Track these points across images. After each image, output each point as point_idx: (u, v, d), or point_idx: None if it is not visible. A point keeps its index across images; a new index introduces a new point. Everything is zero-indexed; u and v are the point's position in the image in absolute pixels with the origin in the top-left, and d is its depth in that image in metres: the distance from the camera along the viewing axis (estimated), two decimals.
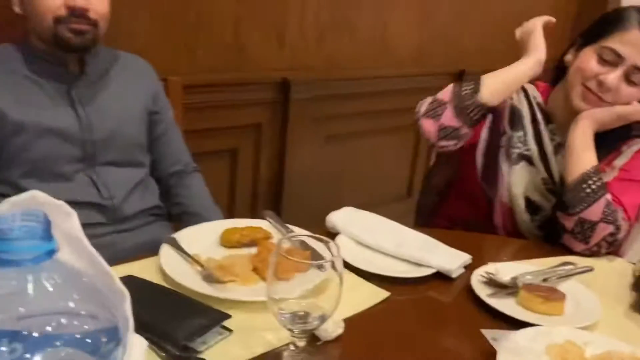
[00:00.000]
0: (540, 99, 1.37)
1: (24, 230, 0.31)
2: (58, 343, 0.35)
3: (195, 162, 1.49)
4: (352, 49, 2.30)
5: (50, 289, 0.33)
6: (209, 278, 0.90)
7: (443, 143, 1.28)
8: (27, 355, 0.34)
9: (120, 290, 0.35)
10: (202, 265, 0.94)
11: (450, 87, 1.29)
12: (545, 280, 1.02)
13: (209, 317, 0.79)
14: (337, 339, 0.82)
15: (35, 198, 0.34)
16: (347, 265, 0.98)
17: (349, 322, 0.85)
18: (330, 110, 2.26)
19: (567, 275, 1.06)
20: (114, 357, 0.35)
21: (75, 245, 0.35)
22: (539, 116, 1.34)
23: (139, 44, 1.70)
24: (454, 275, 1.05)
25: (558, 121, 1.33)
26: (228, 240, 1.04)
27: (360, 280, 1.00)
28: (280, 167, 2.18)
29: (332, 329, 0.81)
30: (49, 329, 0.35)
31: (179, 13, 1.77)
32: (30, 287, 0.32)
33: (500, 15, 2.79)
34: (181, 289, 0.87)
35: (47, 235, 0.32)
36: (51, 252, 0.32)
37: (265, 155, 2.12)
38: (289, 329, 0.73)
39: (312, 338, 0.81)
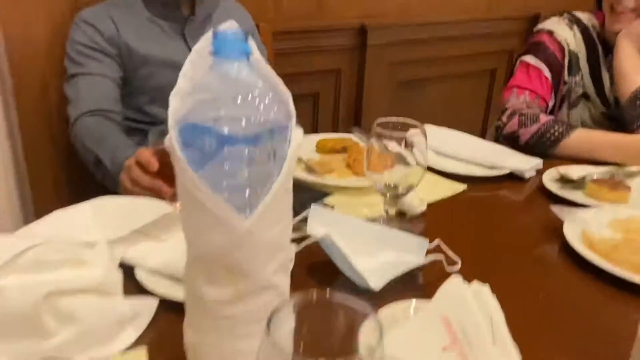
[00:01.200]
0: (599, 28, 1.41)
1: (231, 36, 0.48)
2: (249, 138, 0.47)
3: None
4: None
5: (247, 79, 0.48)
6: (311, 170, 1.07)
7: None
8: (225, 149, 0.47)
9: (287, 91, 0.51)
10: (304, 162, 1.11)
11: (534, 128, 1.28)
12: (612, 176, 1.11)
13: (315, 193, 0.97)
14: (420, 216, 0.97)
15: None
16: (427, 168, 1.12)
17: (430, 206, 0.99)
18: (404, 56, 2.35)
19: (633, 174, 1.14)
20: (286, 142, 0.50)
21: (255, 62, 0.51)
22: (599, 49, 1.39)
23: None
24: (526, 176, 1.16)
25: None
26: (323, 147, 1.21)
27: (439, 177, 1.13)
28: (357, 110, 2.32)
29: (417, 204, 0.96)
30: (241, 126, 0.47)
31: None
32: (234, 73, 0.48)
33: None
34: None
35: (246, 41, 0.49)
36: (249, 54, 0.49)
37: (344, 99, 2.27)
38: (383, 195, 0.88)
39: (400, 214, 0.96)
